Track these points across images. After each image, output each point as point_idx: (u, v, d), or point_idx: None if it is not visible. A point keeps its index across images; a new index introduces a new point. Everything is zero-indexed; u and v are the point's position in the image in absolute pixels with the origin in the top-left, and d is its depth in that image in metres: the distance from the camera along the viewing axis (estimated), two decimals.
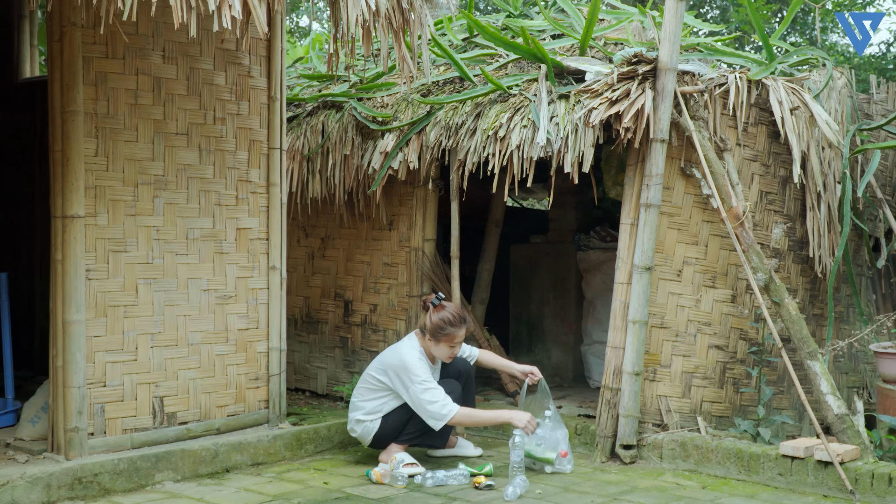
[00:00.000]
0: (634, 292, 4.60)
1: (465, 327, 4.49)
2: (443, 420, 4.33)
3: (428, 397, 4.33)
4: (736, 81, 4.81)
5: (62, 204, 4.03)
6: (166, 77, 4.39)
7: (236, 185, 4.67)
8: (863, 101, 5.77)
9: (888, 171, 5.85)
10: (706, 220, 4.84)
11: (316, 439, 4.83)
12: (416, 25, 4.39)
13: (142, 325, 4.30)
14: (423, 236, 5.59)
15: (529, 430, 4.30)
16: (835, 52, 10.02)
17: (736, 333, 4.92)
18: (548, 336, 6.58)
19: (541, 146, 4.63)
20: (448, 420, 4.33)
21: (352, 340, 6.00)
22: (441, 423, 4.34)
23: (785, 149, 5.06)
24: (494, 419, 4.54)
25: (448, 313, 4.44)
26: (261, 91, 4.79)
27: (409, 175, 5.41)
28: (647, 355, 4.69)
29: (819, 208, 5.11)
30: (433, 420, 4.34)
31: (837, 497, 3.96)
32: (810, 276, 5.25)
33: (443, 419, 4.33)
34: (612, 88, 4.61)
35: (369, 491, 4.11)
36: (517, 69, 5.38)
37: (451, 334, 4.43)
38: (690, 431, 4.66)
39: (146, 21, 4.27)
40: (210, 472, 4.32)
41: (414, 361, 4.40)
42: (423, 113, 5.38)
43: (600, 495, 4.02)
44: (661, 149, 4.56)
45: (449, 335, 4.43)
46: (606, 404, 4.65)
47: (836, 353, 5.19)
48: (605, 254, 6.03)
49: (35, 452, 4.09)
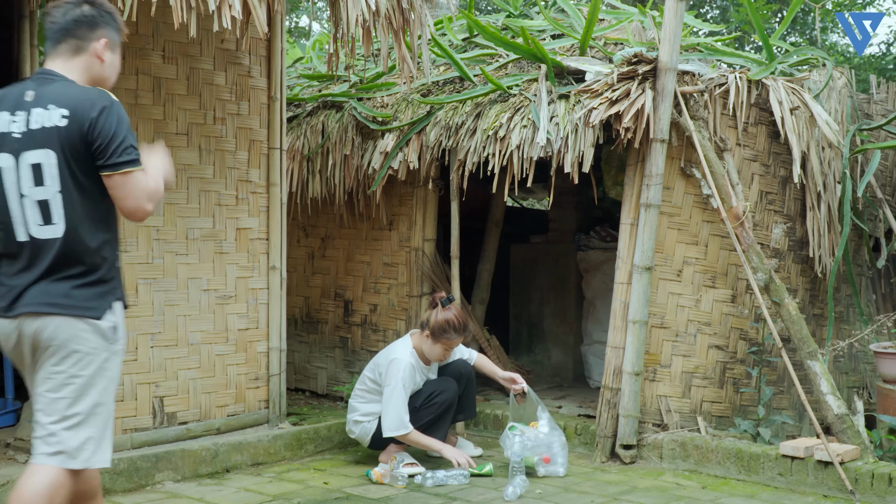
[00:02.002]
0: (634, 292, 4.60)
1: (465, 336, 4.51)
2: (393, 431, 4.35)
3: (392, 407, 4.35)
4: (736, 81, 4.81)
5: None
6: (166, 77, 4.39)
7: (236, 185, 4.67)
8: (863, 101, 5.77)
9: (888, 171, 5.85)
10: (706, 220, 4.84)
11: (316, 439, 4.83)
12: (416, 25, 4.39)
13: (142, 325, 4.30)
14: (423, 236, 5.59)
15: (463, 464, 4.34)
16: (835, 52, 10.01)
17: (736, 333, 4.92)
18: (548, 336, 6.58)
19: (541, 146, 4.63)
20: (396, 434, 4.35)
21: (352, 340, 6.00)
22: (389, 433, 4.36)
23: (785, 149, 5.06)
24: (432, 447, 4.46)
25: (454, 317, 4.43)
26: (261, 91, 4.79)
27: (409, 175, 5.41)
28: (647, 355, 4.69)
29: (819, 208, 5.10)
30: (385, 426, 4.37)
31: (837, 497, 3.96)
32: (810, 276, 5.25)
33: (394, 431, 4.35)
34: (612, 88, 4.60)
35: (369, 491, 4.11)
36: (517, 69, 5.38)
37: (450, 339, 4.44)
38: (690, 431, 4.66)
39: (146, 21, 4.27)
40: (210, 472, 4.32)
41: (399, 365, 4.41)
42: (423, 113, 5.38)
43: (600, 495, 4.02)
44: (661, 149, 4.56)
45: (448, 339, 4.43)
46: (606, 404, 4.65)
47: (836, 353, 5.19)
48: (605, 254, 6.03)
49: None
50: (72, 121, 2.49)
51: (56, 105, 2.51)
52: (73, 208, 2.52)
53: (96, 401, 2.54)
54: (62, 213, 2.51)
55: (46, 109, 2.51)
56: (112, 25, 2.68)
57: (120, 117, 2.52)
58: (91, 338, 2.53)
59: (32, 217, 2.52)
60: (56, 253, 2.51)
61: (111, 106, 2.52)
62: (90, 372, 2.53)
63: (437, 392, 4.48)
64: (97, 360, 2.53)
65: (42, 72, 2.62)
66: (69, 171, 2.51)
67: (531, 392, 4.66)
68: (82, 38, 2.62)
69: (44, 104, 2.52)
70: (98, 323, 2.53)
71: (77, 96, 2.52)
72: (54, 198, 2.51)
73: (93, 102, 2.50)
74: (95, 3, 2.67)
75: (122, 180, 2.50)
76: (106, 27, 2.66)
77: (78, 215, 2.52)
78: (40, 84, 2.58)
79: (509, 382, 4.67)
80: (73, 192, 2.52)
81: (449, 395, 4.50)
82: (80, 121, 2.48)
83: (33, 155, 2.51)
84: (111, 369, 2.59)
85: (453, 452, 4.41)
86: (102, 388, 2.56)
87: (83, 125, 2.48)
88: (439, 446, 4.41)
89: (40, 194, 2.51)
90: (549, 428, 4.47)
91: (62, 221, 2.51)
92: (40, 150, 2.50)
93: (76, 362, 2.51)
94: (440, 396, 4.47)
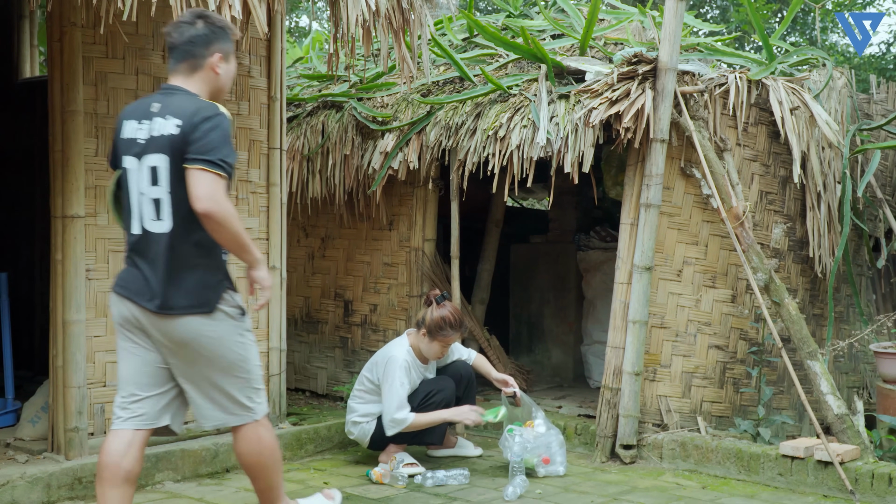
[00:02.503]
0: (634, 292, 4.60)
1: (461, 332, 4.50)
2: (396, 426, 4.34)
3: (393, 402, 4.35)
4: (736, 81, 4.81)
5: (62, 204, 4.03)
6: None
7: (236, 185, 4.66)
8: (863, 101, 5.77)
9: (888, 171, 5.85)
10: (706, 220, 4.84)
11: (316, 439, 4.83)
12: (416, 25, 4.39)
13: None
14: (423, 236, 5.59)
15: (470, 420, 4.37)
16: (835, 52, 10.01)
17: (736, 333, 4.92)
18: (548, 336, 6.58)
19: (541, 146, 4.63)
20: (400, 429, 4.34)
21: (352, 340, 6.00)
22: (392, 429, 4.36)
23: (785, 149, 5.06)
24: (436, 420, 4.45)
25: (449, 314, 4.43)
26: (261, 91, 4.79)
27: (409, 175, 5.41)
28: (647, 355, 4.69)
29: (819, 208, 5.10)
30: (387, 424, 4.37)
31: (837, 497, 3.96)
32: (810, 276, 5.25)
33: (397, 426, 4.34)
34: (612, 88, 4.60)
35: (369, 491, 4.11)
36: (517, 69, 5.38)
37: (447, 336, 4.44)
38: (690, 431, 4.66)
39: (146, 21, 4.26)
40: (210, 472, 4.32)
41: (396, 363, 4.40)
42: (423, 113, 5.38)
43: (600, 495, 4.02)
44: (661, 149, 4.56)
45: (445, 336, 4.43)
46: (606, 404, 4.65)
47: (836, 353, 5.19)
48: (605, 254, 6.03)
49: (35, 452, 4.09)
50: (182, 129, 2.84)
51: (173, 116, 2.87)
52: (180, 207, 2.86)
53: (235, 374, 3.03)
54: (170, 210, 2.87)
55: (165, 119, 2.88)
56: (224, 37, 3.04)
57: (219, 127, 2.85)
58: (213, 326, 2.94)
59: (147, 213, 2.91)
60: (165, 247, 2.88)
61: (214, 117, 2.86)
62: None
63: (435, 392, 4.48)
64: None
65: (167, 86, 3.02)
66: (178, 174, 2.84)
67: (526, 398, 4.66)
68: (199, 55, 3.00)
69: (164, 115, 2.89)
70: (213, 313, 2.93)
71: (190, 108, 2.87)
72: (165, 197, 2.88)
73: (200, 112, 2.85)
74: (208, 19, 3.03)
75: (195, 175, 2.79)
76: (219, 41, 3.02)
77: (183, 214, 2.86)
78: (165, 96, 2.97)
79: (501, 384, 4.67)
80: (181, 192, 2.84)
81: (446, 395, 4.50)
82: (187, 128, 2.83)
83: (152, 158, 2.89)
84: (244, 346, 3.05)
85: (455, 413, 4.42)
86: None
87: (188, 132, 2.83)
88: (443, 415, 4.42)
89: (155, 193, 2.89)
90: (546, 427, 4.47)
91: (169, 218, 2.87)
92: (157, 154, 2.88)
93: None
94: (437, 396, 4.47)
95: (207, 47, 2.99)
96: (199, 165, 2.78)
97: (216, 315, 2.92)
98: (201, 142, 2.80)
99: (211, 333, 2.92)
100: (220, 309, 2.93)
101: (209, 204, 2.75)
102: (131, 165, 2.93)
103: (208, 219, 2.78)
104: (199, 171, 2.78)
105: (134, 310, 2.95)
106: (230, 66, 3.07)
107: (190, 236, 2.87)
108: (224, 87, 3.08)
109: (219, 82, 3.04)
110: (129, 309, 2.96)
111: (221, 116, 2.87)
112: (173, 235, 2.87)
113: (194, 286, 2.90)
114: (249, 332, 3.05)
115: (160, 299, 2.88)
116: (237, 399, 3.04)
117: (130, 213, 2.94)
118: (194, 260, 2.89)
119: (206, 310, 2.91)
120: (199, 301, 2.90)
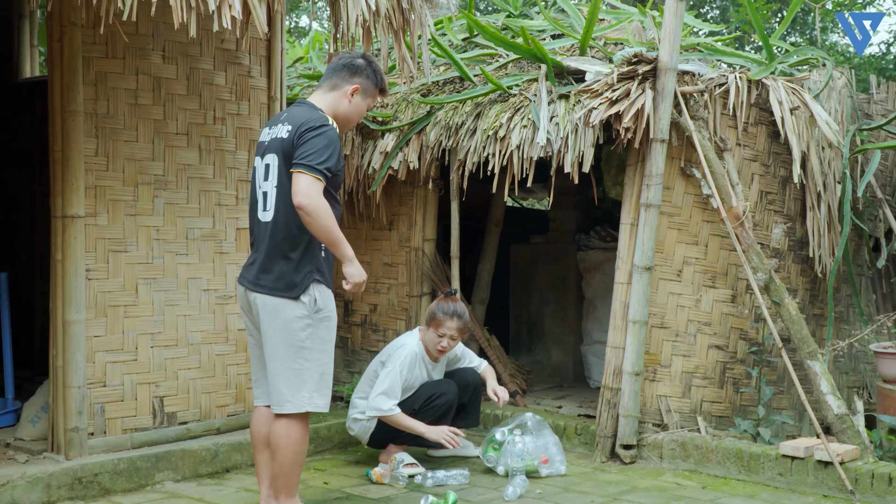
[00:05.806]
0: (634, 292, 4.60)
1: (458, 322, 4.46)
2: (377, 411, 4.33)
3: (386, 384, 4.35)
4: (736, 81, 4.81)
5: (62, 204, 4.03)
6: (166, 77, 4.39)
7: (236, 184, 4.67)
8: (863, 101, 5.77)
9: (888, 171, 5.85)
10: (706, 220, 4.84)
11: (316, 439, 4.83)
12: (416, 25, 4.39)
13: (142, 325, 4.29)
14: (423, 236, 5.59)
15: (443, 442, 4.34)
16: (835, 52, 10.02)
17: (736, 333, 4.92)
18: (548, 336, 6.58)
19: (541, 146, 4.63)
20: (380, 414, 4.34)
21: (352, 340, 6.00)
22: (374, 412, 4.35)
23: (785, 149, 5.06)
24: (414, 429, 4.40)
25: (443, 302, 4.50)
26: (261, 91, 4.79)
27: (409, 175, 5.41)
28: (647, 355, 4.69)
29: (819, 208, 5.10)
30: (370, 404, 4.37)
31: (837, 497, 3.97)
32: (810, 276, 5.25)
33: (378, 411, 4.33)
34: (612, 88, 4.60)
35: (369, 491, 4.11)
36: (517, 69, 5.38)
37: (438, 320, 4.43)
38: (690, 431, 4.66)
39: (146, 21, 4.26)
40: (210, 472, 4.32)
41: (405, 351, 4.43)
42: (423, 113, 5.38)
43: (600, 495, 4.02)
44: (661, 149, 4.56)
45: (437, 321, 4.43)
46: (606, 404, 4.65)
47: (836, 353, 5.19)
48: (605, 254, 6.03)
49: (35, 452, 4.09)
50: (291, 134, 3.25)
51: (289, 122, 3.29)
52: (282, 201, 3.27)
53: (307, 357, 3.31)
54: (274, 203, 3.29)
55: (283, 125, 3.31)
56: (372, 80, 3.45)
57: (325, 136, 3.21)
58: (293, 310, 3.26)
59: (261, 204, 3.35)
60: (269, 235, 3.29)
61: (322, 127, 3.23)
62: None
63: (437, 395, 4.48)
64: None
65: (299, 100, 3.44)
66: (285, 172, 3.26)
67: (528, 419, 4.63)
68: (341, 79, 3.42)
69: (285, 121, 3.32)
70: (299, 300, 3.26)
71: (303, 117, 3.26)
72: (271, 191, 3.30)
73: (309, 122, 3.23)
74: (368, 59, 3.46)
75: (296, 176, 3.18)
76: (365, 78, 3.44)
77: (283, 207, 3.26)
78: (294, 107, 3.40)
79: (492, 394, 4.66)
80: (285, 187, 3.25)
81: (449, 398, 4.49)
82: (295, 134, 3.23)
83: (268, 157, 3.34)
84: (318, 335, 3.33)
85: (434, 431, 4.38)
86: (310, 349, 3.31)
87: (296, 137, 3.22)
88: (421, 428, 4.37)
89: (266, 187, 3.33)
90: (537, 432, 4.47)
91: (272, 210, 3.30)
92: (272, 154, 3.32)
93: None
94: (440, 399, 4.47)
95: (352, 76, 3.41)
96: (299, 169, 3.16)
97: (295, 302, 3.25)
98: (303, 147, 3.18)
99: (285, 315, 3.25)
100: (301, 299, 3.25)
101: (302, 198, 3.12)
102: (257, 163, 3.40)
103: (302, 210, 3.14)
104: (299, 173, 3.16)
105: (242, 292, 3.40)
106: (363, 103, 3.45)
107: (288, 228, 3.25)
108: (350, 117, 3.44)
109: (347, 109, 3.41)
110: (242, 292, 3.41)
111: (328, 127, 3.23)
112: (275, 224, 3.28)
113: (284, 271, 3.26)
114: (326, 329, 3.33)
115: (255, 277, 3.31)
116: (278, 386, 3.30)
117: (253, 204, 3.40)
118: (288, 249, 3.26)
119: (290, 294, 3.25)
120: (286, 285, 3.25)
